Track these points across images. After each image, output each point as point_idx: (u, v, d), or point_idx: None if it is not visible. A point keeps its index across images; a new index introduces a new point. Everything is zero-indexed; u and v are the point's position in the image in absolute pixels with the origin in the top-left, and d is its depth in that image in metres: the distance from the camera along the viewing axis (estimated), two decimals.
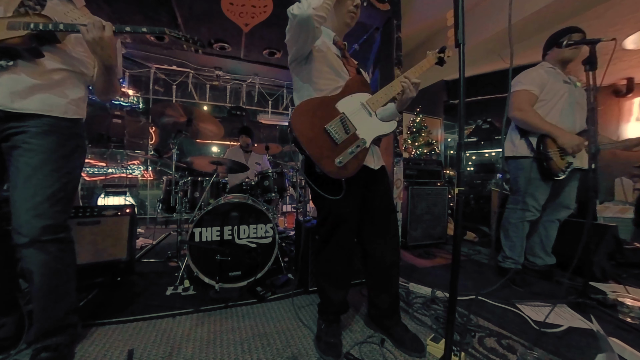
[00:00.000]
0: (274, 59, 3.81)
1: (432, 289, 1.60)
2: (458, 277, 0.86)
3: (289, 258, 2.23)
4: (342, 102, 1.07)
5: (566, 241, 1.84)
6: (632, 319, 1.31)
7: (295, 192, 2.52)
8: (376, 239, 1.17)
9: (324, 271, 1.18)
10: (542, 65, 1.75)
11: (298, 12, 0.92)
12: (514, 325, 1.29)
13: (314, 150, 0.97)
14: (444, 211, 2.72)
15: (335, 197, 1.01)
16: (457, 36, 0.84)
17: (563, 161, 1.64)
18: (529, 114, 1.66)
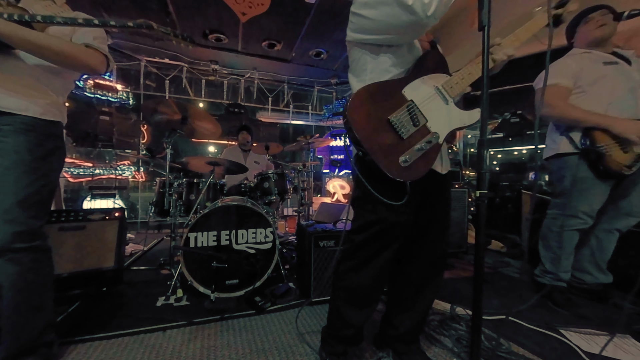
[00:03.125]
0: (273, 52, 3.79)
1: (451, 305, 1.50)
2: (482, 291, 0.78)
3: (290, 265, 2.20)
4: (411, 87, 0.92)
5: (629, 256, 1.66)
6: None
7: (297, 195, 2.48)
8: (420, 257, 1.05)
9: (348, 286, 1.01)
10: (569, 54, 1.63)
11: (420, 11, 0.78)
12: (556, 354, 1.15)
13: (373, 146, 0.85)
14: (463, 217, 2.59)
15: (397, 202, 0.87)
16: (482, 17, 0.75)
17: (628, 155, 1.43)
18: (562, 109, 1.52)
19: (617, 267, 1.65)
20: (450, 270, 2.19)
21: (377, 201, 0.89)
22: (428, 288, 1.06)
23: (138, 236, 3.35)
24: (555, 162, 1.66)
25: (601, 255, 1.64)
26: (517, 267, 2.31)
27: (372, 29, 0.90)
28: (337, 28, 3.27)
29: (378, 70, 0.95)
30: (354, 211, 1.03)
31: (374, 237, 0.95)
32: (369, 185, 0.89)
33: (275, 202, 2.31)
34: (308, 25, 3.20)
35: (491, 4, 0.76)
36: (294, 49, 3.74)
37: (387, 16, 0.84)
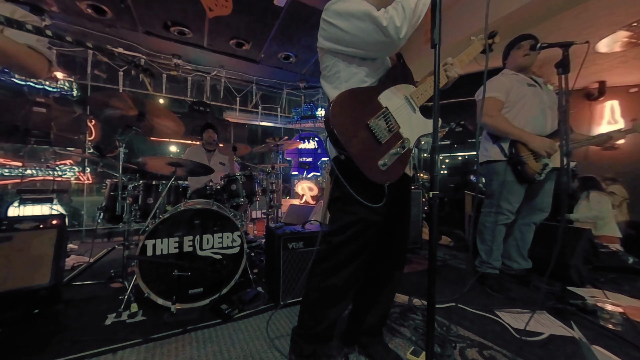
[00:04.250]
0: (242, 51, 3.72)
1: (409, 297, 1.62)
2: (435, 283, 0.85)
3: (258, 269, 2.15)
4: (385, 95, 0.97)
5: (542, 245, 1.96)
6: (613, 325, 1.40)
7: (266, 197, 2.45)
8: (387, 254, 1.11)
9: (324, 287, 1.01)
10: (502, 73, 1.91)
11: (393, 34, 0.86)
12: (495, 334, 1.32)
13: (355, 149, 0.88)
14: (419, 215, 2.80)
15: (375, 204, 0.91)
16: (434, 36, 0.83)
17: (538, 164, 1.76)
18: (498, 120, 1.79)
19: (534, 254, 1.96)
20: (408, 265, 2.34)
21: (357, 202, 0.92)
22: (391, 283, 1.13)
23: (83, 246, 2.97)
24: (486, 167, 1.92)
25: (523, 245, 1.94)
26: (463, 259, 2.56)
27: (346, 42, 0.94)
28: (306, 34, 3.32)
29: (353, 80, 0.98)
30: (331, 213, 1.05)
31: (353, 238, 0.97)
32: (350, 188, 0.91)
33: (243, 205, 2.24)
34: (277, 28, 3.21)
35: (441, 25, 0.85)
36: (262, 50, 3.70)
37: (361, 32, 0.89)
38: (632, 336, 1.29)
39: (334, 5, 0.94)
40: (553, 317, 1.46)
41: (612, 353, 1.11)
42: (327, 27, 0.95)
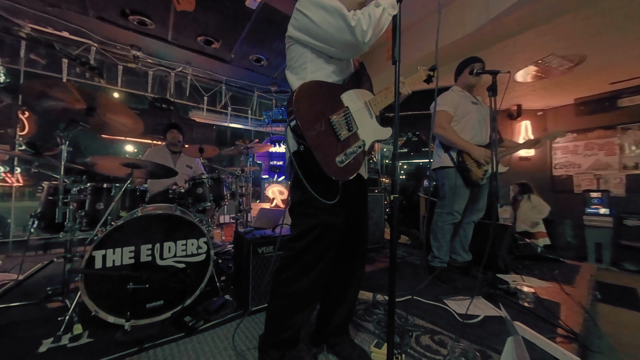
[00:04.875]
0: (210, 49, 3.46)
1: (373, 294, 1.68)
2: (395, 279, 0.88)
3: (226, 276, 2.03)
4: (347, 95, 0.98)
5: (478, 240, 2.22)
6: (528, 303, 1.64)
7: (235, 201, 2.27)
8: (350, 253, 1.12)
9: (290, 293, 0.99)
10: (453, 89, 2.12)
11: (360, 36, 0.89)
12: (443, 320, 1.44)
13: (316, 141, 0.86)
14: (381, 217, 2.91)
15: (330, 201, 0.90)
16: (394, 54, 0.89)
17: (480, 170, 1.98)
18: (448, 132, 1.98)
19: (473, 248, 2.22)
20: (372, 263, 2.44)
21: (317, 205, 0.92)
22: (355, 281, 1.16)
23: (9, 261, 2.47)
24: (439, 172, 2.11)
25: (466, 240, 2.18)
26: (418, 256, 2.75)
27: (315, 34, 0.94)
28: (278, 38, 3.24)
29: (319, 73, 0.98)
30: (292, 218, 1.03)
31: (315, 242, 0.96)
32: (306, 183, 0.89)
33: (210, 210, 2.07)
34: (248, 30, 3.06)
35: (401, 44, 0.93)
36: (233, 51, 3.49)
37: (330, 27, 0.90)
38: (541, 311, 1.53)
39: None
40: (487, 300, 1.66)
41: (528, 326, 1.30)
42: (299, 16, 0.95)
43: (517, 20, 2.45)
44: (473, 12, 2.54)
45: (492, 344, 1.21)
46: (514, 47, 3.10)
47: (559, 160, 5.12)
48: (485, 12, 2.44)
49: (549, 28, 2.71)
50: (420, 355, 1.14)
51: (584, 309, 1.58)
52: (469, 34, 2.61)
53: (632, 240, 4.10)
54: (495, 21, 2.42)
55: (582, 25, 2.76)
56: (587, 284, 2.02)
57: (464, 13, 2.61)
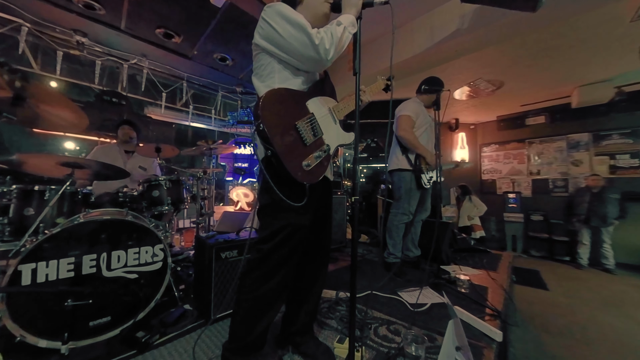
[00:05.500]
0: (171, 43, 3.14)
1: (336, 292, 1.69)
2: (356, 276, 0.91)
3: (186, 285, 1.84)
4: (312, 102, 1.00)
5: (426, 236, 2.41)
6: (464, 289, 1.80)
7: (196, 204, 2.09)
8: (314, 253, 1.11)
9: (256, 296, 0.96)
10: (415, 100, 2.27)
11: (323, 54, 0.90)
12: (397, 311, 1.52)
13: (282, 147, 0.86)
14: (343, 218, 2.97)
15: (298, 203, 0.90)
16: (355, 66, 0.94)
17: (429, 175, 2.15)
18: (411, 135, 2.11)
19: (421, 244, 2.39)
20: (335, 262, 2.47)
21: (285, 207, 0.91)
22: (319, 280, 1.16)
23: None
24: (396, 174, 2.22)
25: (416, 237, 2.34)
26: (376, 253, 2.85)
27: (280, 46, 0.93)
28: (244, 40, 3.08)
29: (287, 84, 0.97)
30: (260, 220, 1.01)
31: (282, 243, 0.95)
32: (274, 186, 0.89)
33: (168, 214, 1.87)
34: (213, 27, 2.86)
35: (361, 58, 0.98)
36: (196, 47, 3.22)
37: (295, 40, 0.91)
38: (474, 295, 1.72)
39: (276, 6, 0.93)
40: (433, 290, 1.79)
41: (464, 309, 1.44)
42: (265, 25, 0.94)
43: (454, 47, 2.74)
44: (421, 36, 2.78)
45: (437, 327, 1.32)
46: (453, 69, 3.48)
47: (486, 166, 5.88)
48: (430, 38, 2.69)
49: (478, 56, 3.10)
50: (378, 345, 1.19)
51: (504, 291, 1.81)
52: (418, 54, 2.84)
53: (536, 232, 4.90)
54: (438, 46, 2.68)
55: (501, 56, 3.24)
56: (506, 270, 2.33)
57: (414, 36, 2.84)
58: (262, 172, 0.95)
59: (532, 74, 3.74)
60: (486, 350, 1.13)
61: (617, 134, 4.47)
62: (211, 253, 1.38)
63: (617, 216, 3.94)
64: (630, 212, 4.06)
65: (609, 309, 2.73)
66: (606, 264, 3.98)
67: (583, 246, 4.18)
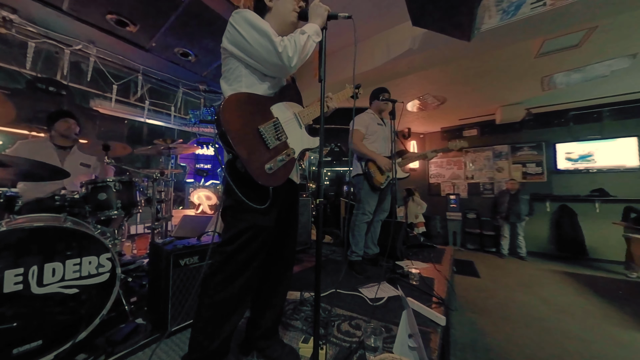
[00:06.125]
0: (124, 32, 2.76)
1: (301, 292, 1.67)
2: (320, 276, 0.91)
3: (138, 297, 1.63)
4: (277, 107, 0.98)
5: (383, 235, 2.52)
6: (415, 282, 1.94)
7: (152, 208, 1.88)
8: (280, 256, 1.08)
9: (219, 300, 0.90)
10: (367, 112, 2.40)
11: (286, 61, 0.91)
12: (358, 306, 1.57)
13: (244, 150, 0.84)
14: (308, 219, 2.96)
15: (260, 205, 0.88)
16: (320, 73, 0.96)
17: (383, 176, 2.25)
18: (359, 146, 2.24)
19: (380, 242, 2.50)
20: (300, 263, 2.44)
21: (249, 209, 0.89)
22: (284, 282, 1.14)
23: None
24: (355, 179, 2.33)
25: (375, 236, 2.44)
26: (340, 253, 2.91)
27: (247, 51, 0.93)
28: (209, 37, 2.87)
29: (254, 88, 0.97)
30: (224, 222, 0.97)
31: (246, 245, 0.91)
32: (238, 192, 0.87)
33: (117, 219, 1.64)
34: (174, 20, 2.60)
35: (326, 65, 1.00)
36: (154, 39, 2.89)
37: (260, 47, 0.91)
38: (423, 286, 1.85)
39: (243, 13, 0.94)
40: (389, 284, 1.88)
41: (415, 300, 1.54)
42: (232, 31, 0.94)
43: (406, 64, 2.97)
44: (380, 51, 2.94)
45: (393, 319, 1.39)
46: (406, 83, 3.79)
47: (432, 171, 6.50)
48: (387, 53, 2.87)
49: (426, 74, 3.43)
50: (341, 341, 1.20)
51: (447, 280, 2.00)
52: (377, 67, 2.99)
53: (471, 228, 5.58)
54: (394, 62, 2.87)
55: (444, 76, 3.63)
56: (449, 262, 2.59)
57: (374, 50, 2.99)
58: (225, 174, 0.93)
59: (467, 93, 4.28)
60: (433, 335, 1.23)
61: (527, 146, 5.37)
62: (168, 260, 1.25)
63: (528, 213, 4.71)
64: (536, 210, 4.90)
65: (522, 289, 3.24)
66: (520, 253, 4.73)
67: (504, 239, 4.89)
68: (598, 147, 4.69)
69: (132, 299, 1.54)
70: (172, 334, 1.23)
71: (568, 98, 4.52)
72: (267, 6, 1.03)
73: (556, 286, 3.36)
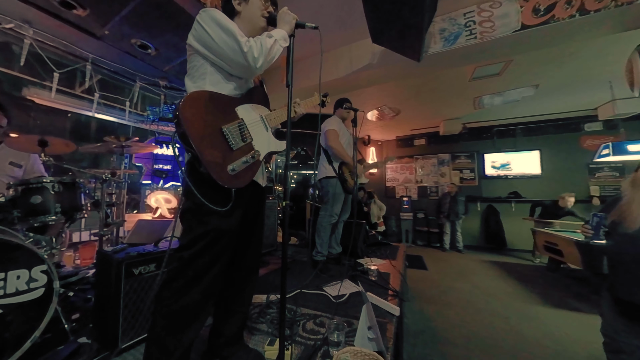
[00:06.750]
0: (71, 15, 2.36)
1: (266, 295, 1.62)
2: (286, 278, 0.89)
3: (82, 313, 1.39)
4: (243, 108, 0.94)
5: (346, 235, 2.61)
6: (374, 277, 2.01)
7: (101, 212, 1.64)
8: (245, 259, 1.03)
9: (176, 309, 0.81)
10: (335, 118, 2.46)
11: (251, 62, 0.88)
12: (322, 304, 1.57)
13: (205, 150, 0.79)
14: (274, 222, 2.91)
15: (222, 208, 0.82)
16: (288, 78, 0.96)
17: (353, 181, 2.33)
18: (338, 145, 2.26)
19: (342, 242, 2.56)
20: (266, 266, 2.36)
21: (210, 211, 0.83)
22: (249, 287, 1.09)
23: None
24: (324, 181, 2.33)
25: (339, 236, 2.50)
26: (305, 254, 2.88)
27: (212, 49, 0.90)
28: (171, 31, 2.62)
29: (218, 87, 0.92)
30: (182, 225, 0.90)
31: (206, 249, 0.84)
32: (198, 193, 0.81)
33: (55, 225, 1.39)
34: (132, 9, 2.32)
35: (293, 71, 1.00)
36: (108, 27, 2.52)
37: (226, 46, 0.88)
38: (381, 281, 1.93)
39: (211, 11, 0.90)
40: (351, 281, 1.92)
41: (374, 294, 1.61)
42: (199, 28, 0.90)
43: (367, 77, 3.15)
44: (343, 62, 3.06)
45: (354, 313, 1.43)
46: (366, 94, 4.03)
47: (389, 175, 6.99)
48: (350, 66, 3.00)
49: (384, 87, 3.71)
50: (306, 340, 1.20)
51: (401, 274, 2.14)
52: (341, 77, 3.11)
53: (420, 226, 6.13)
54: (356, 74, 3.02)
55: (399, 90, 3.99)
56: (402, 258, 2.78)
57: (338, 62, 3.10)
58: (184, 176, 0.87)
59: (417, 106, 4.75)
60: (389, 325, 1.31)
61: (463, 155, 6.20)
62: (119, 269, 1.10)
63: (464, 212, 5.38)
64: (470, 210, 5.64)
65: (460, 278, 3.67)
66: (459, 247, 5.37)
67: (446, 235, 5.50)
68: (513, 158, 5.67)
69: (73, 316, 1.31)
70: (123, 350, 1.08)
71: (492, 116, 5.40)
72: (236, 10, 0.99)
73: (485, 273, 3.90)
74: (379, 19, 2.01)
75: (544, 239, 3.67)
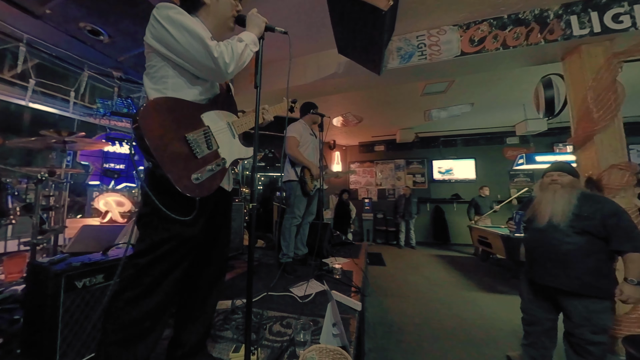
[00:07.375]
0: None
1: (232, 301, 1.54)
2: (252, 282, 0.87)
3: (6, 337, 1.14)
4: (208, 115, 0.87)
5: (311, 236, 2.62)
6: (338, 276, 2.05)
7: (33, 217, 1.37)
8: (209, 265, 0.96)
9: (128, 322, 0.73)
10: (299, 122, 2.47)
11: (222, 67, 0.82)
12: (289, 306, 1.54)
13: (165, 158, 0.73)
14: (241, 224, 2.79)
15: (185, 217, 0.76)
16: (256, 80, 0.95)
17: (312, 183, 2.35)
18: (296, 152, 2.27)
19: (308, 242, 2.57)
20: (232, 270, 2.24)
21: (170, 218, 0.77)
22: (214, 293, 1.02)
23: None
24: (287, 184, 2.33)
25: (304, 237, 2.50)
26: (272, 256, 2.82)
27: (176, 51, 0.81)
28: (128, 19, 2.32)
29: (181, 92, 0.86)
30: (139, 230, 0.81)
31: (164, 257, 0.77)
32: (157, 201, 0.74)
33: None
34: None
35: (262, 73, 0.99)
36: (49, 5, 2.12)
37: (193, 49, 0.81)
38: (344, 279, 1.99)
39: (169, 10, 0.79)
40: (317, 281, 1.92)
41: (338, 292, 1.64)
42: (158, 27, 0.80)
43: (333, 85, 3.25)
44: (311, 69, 3.10)
45: (320, 312, 1.43)
46: (332, 101, 4.21)
47: (352, 179, 7.31)
48: (317, 73, 3.05)
49: (348, 95, 3.93)
50: (272, 342, 1.16)
51: (363, 271, 2.24)
52: (309, 83, 3.13)
53: (379, 226, 6.55)
54: (323, 81, 3.07)
55: (361, 99, 4.26)
56: (364, 256, 2.90)
57: (306, 68, 3.12)
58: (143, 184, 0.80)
59: (376, 116, 5.11)
60: (352, 320, 1.34)
61: (416, 161, 6.89)
62: (57, 283, 0.94)
63: (416, 212, 5.91)
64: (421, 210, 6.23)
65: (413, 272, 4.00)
66: (412, 243, 5.87)
67: (401, 233, 5.97)
68: (455, 164, 6.51)
69: None
70: None
71: (439, 128, 6.12)
72: (203, 1, 0.90)
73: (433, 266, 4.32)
74: (344, 33, 2.11)
75: (477, 234, 4.24)
